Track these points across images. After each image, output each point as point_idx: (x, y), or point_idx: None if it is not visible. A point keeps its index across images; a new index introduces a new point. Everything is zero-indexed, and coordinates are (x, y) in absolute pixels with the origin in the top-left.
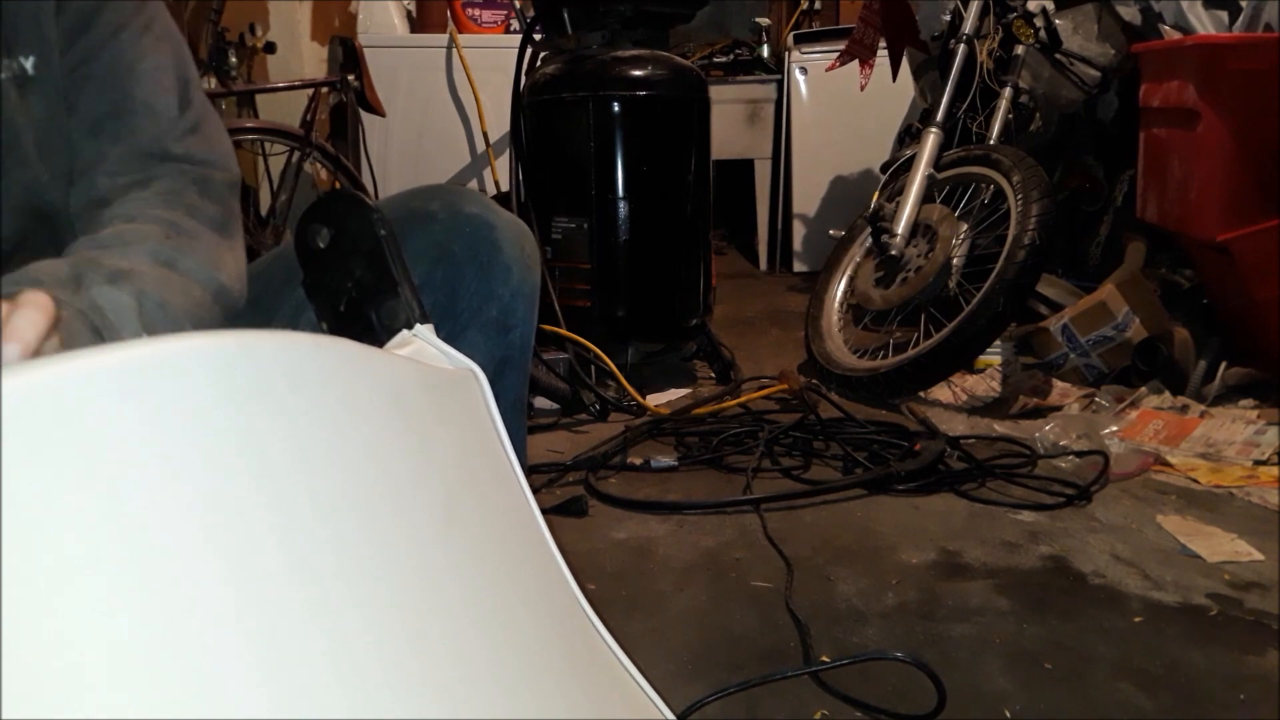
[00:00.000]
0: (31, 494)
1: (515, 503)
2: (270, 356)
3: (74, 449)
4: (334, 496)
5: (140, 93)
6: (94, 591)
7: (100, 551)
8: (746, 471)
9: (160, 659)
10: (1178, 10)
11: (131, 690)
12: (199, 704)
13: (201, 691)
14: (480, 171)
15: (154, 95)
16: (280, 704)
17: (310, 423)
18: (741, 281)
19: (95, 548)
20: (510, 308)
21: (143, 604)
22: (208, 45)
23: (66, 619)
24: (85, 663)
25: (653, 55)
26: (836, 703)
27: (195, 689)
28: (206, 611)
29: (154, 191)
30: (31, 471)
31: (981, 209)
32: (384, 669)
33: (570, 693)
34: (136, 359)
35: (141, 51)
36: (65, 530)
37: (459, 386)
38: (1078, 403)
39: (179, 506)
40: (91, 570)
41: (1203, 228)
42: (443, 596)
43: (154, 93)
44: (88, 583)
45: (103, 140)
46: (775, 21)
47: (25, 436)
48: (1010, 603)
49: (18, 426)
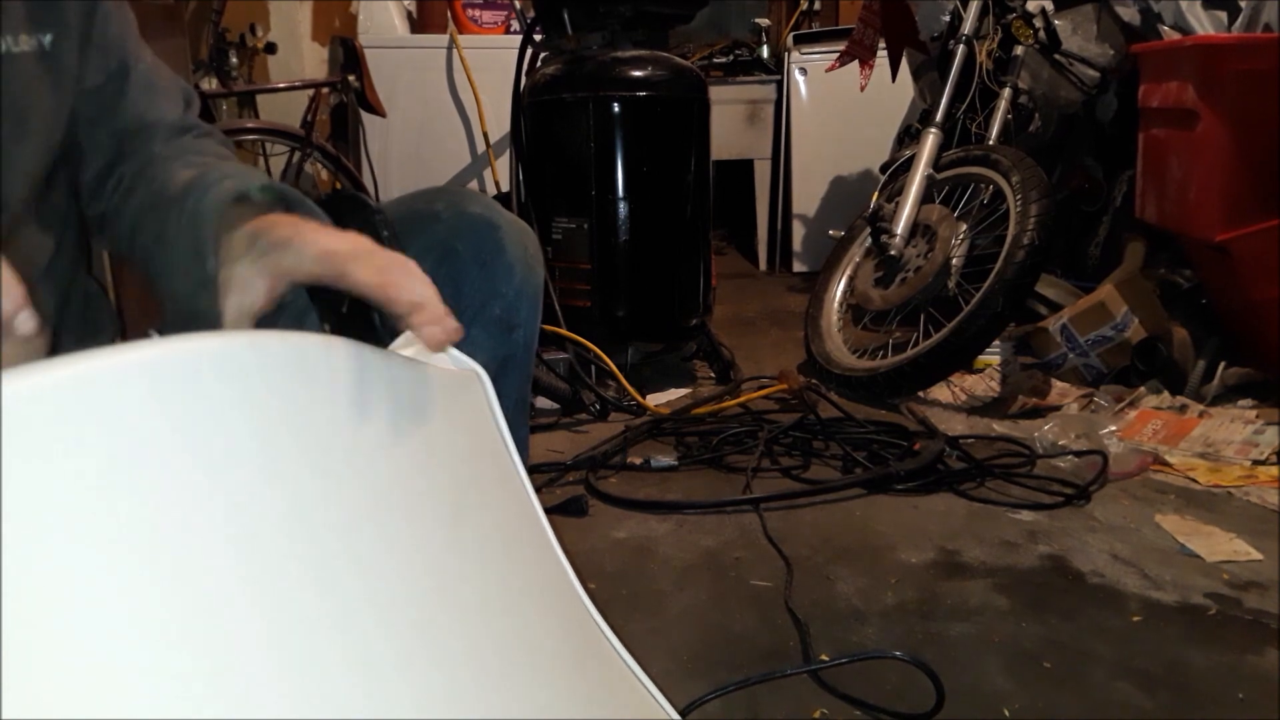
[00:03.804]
0: (39, 493)
1: (519, 503)
2: (280, 356)
3: (85, 448)
4: (346, 495)
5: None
6: (107, 590)
7: (111, 551)
8: (746, 471)
9: (177, 656)
10: (1177, 10)
11: (147, 687)
12: (217, 699)
13: (219, 687)
14: (480, 172)
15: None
16: (297, 699)
17: (320, 421)
18: (741, 281)
19: (106, 547)
20: (513, 307)
21: (158, 601)
22: (208, 45)
23: (77, 615)
24: (96, 661)
25: (653, 56)
26: (836, 701)
27: (213, 685)
28: (223, 608)
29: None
30: (39, 471)
31: (981, 209)
32: (397, 665)
33: (578, 689)
34: (149, 360)
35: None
36: (75, 528)
37: (462, 387)
38: (1077, 403)
39: (193, 504)
40: (103, 569)
41: (1202, 228)
42: (452, 594)
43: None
44: (100, 581)
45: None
46: (775, 22)
47: (32, 436)
48: (1009, 602)
49: (21, 426)
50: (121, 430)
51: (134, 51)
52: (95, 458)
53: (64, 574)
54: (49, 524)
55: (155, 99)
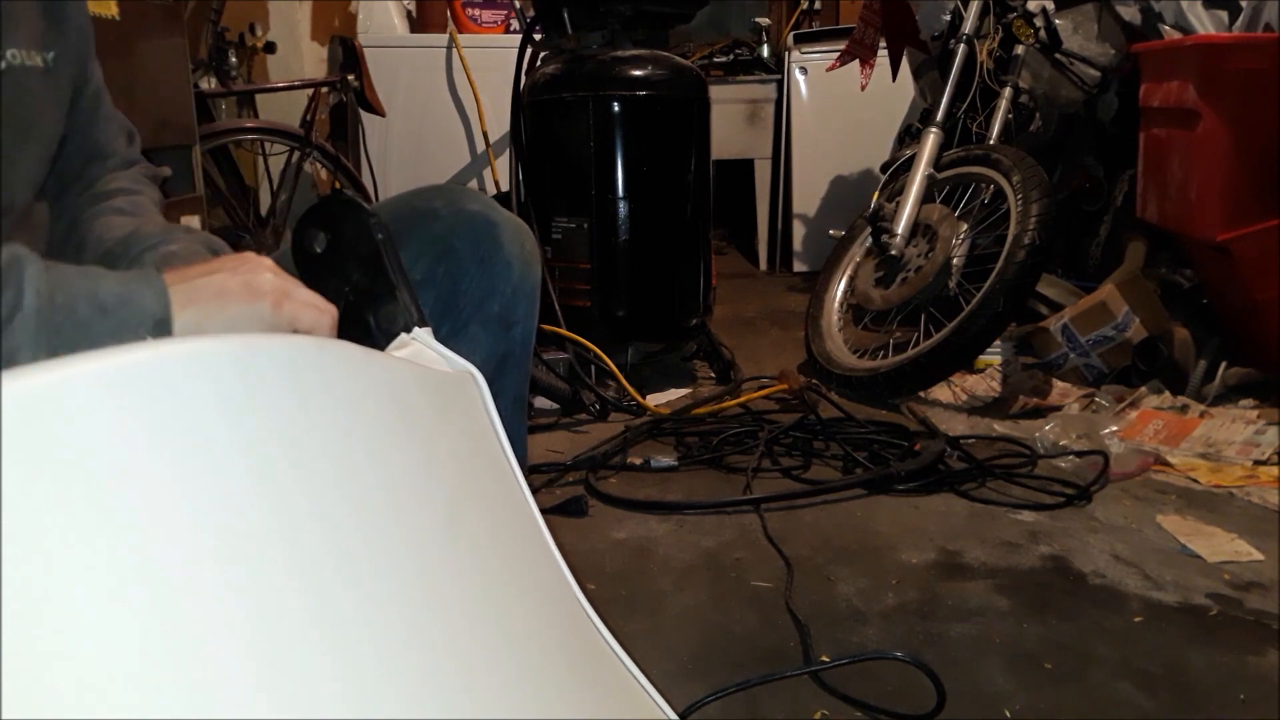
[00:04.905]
0: (32, 498)
1: (515, 504)
2: (273, 359)
3: (76, 452)
4: (336, 499)
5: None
6: (95, 595)
7: (100, 556)
8: (746, 471)
9: (160, 661)
10: (1178, 10)
11: (131, 691)
12: (199, 704)
13: (202, 692)
14: (480, 171)
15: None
16: (280, 705)
17: (312, 425)
18: (741, 281)
19: (96, 552)
20: (511, 304)
21: (143, 606)
22: (208, 45)
23: (67, 620)
24: (86, 664)
25: (653, 55)
26: (836, 702)
27: (195, 690)
28: (207, 614)
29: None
30: (32, 475)
31: (981, 209)
32: (386, 671)
33: (573, 692)
34: (140, 362)
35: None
36: (66, 534)
37: (458, 389)
38: (1078, 403)
39: (179, 509)
40: (92, 574)
41: (1203, 228)
42: (445, 598)
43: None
44: (88, 586)
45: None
46: (775, 21)
47: (26, 441)
48: (1010, 602)
49: (17, 431)
50: (118, 431)
51: (99, 75)
52: (94, 458)
53: (63, 574)
54: (47, 525)
55: (113, 127)
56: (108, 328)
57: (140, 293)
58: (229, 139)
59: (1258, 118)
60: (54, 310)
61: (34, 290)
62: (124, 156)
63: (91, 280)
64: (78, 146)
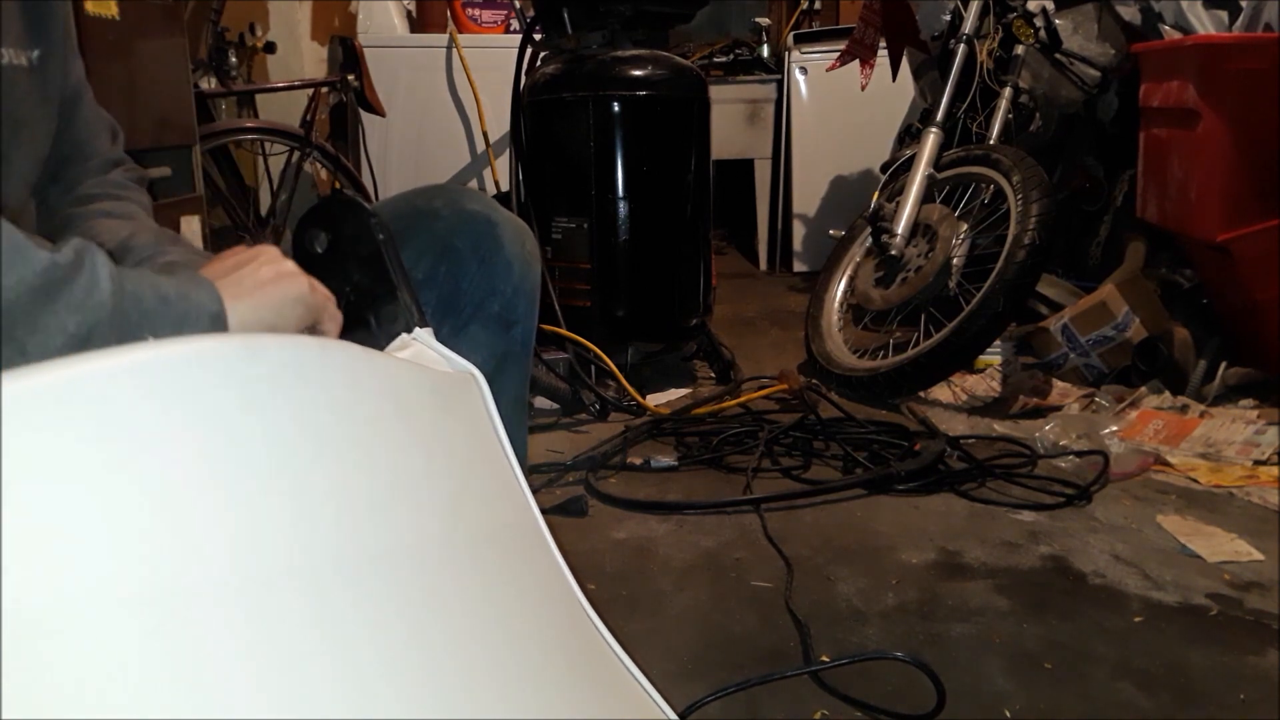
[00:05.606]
0: (38, 492)
1: (516, 504)
2: (276, 358)
3: (83, 448)
4: (337, 499)
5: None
6: (102, 587)
7: (106, 551)
8: (746, 471)
9: (160, 661)
10: (1178, 10)
11: (132, 690)
12: (200, 704)
13: (202, 692)
14: (480, 171)
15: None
16: (280, 705)
17: (314, 426)
18: (741, 281)
19: (101, 546)
20: (512, 303)
21: (150, 600)
22: (208, 45)
23: (73, 612)
24: (86, 664)
25: (653, 55)
26: (836, 702)
27: (196, 689)
28: (207, 614)
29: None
30: (39, 471)
31: (981, 209)
32: (386, 670)
33: (573, 692)
34: (145, 361)
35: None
36: (75, 526)
37: (459, 389)
38: (1078, 403)
39: (184, 505)
40: (97, 567)
41: (1203, 228)
42: (445, 598)
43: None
44: (94, 579)
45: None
46: (775, 21)
47: (31, 436)
48: (1010, 603)
49: (20, 426)
50: (117, 430)
51: (79, 73)
52: (93, 457)
53: (62, 574)
54: (47, 523)
55: (97, 125)
56: (170, 318)
57: (194, 289)
58: (229, 139)
59: (1258, 118)
60: (124, 296)
61: (108, 274)
62: (106, 156)
63: (148, 275)
64: (55, 145)
